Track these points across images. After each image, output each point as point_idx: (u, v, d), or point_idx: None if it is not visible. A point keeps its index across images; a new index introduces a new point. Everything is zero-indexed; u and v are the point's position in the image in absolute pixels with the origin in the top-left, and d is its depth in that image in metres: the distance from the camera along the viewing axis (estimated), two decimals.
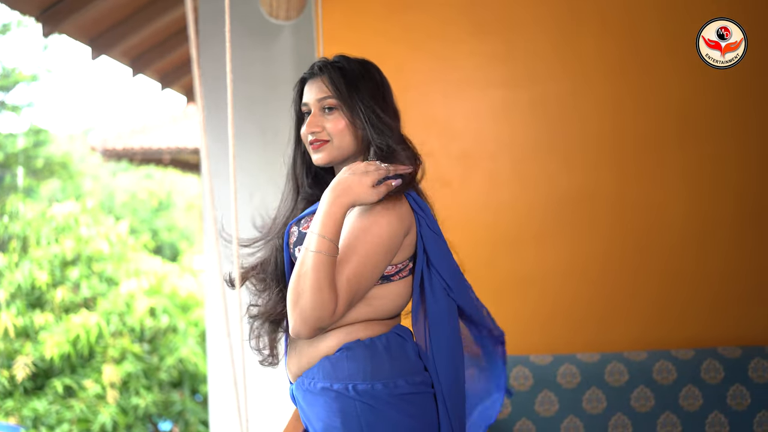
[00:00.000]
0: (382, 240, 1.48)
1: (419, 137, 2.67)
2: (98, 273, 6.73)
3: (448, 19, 2.63)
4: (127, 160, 9.20)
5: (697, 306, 2.57)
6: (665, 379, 2.42)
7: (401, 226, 1.51)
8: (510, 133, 2.62)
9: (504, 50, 2.62)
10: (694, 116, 2.57)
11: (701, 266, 2.58)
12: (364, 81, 1.64)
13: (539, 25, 2.62)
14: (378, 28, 2.63)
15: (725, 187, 2.57)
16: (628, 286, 2.59)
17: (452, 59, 2.64)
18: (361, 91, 1.62)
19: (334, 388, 1.52)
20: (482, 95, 2.64)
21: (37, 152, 11.45)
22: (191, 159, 8.87)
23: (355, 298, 1.46)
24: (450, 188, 2.62)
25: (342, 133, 1.60)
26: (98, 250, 6.75)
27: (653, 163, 2.58)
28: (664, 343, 2.55)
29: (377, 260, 1.48)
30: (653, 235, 2.59)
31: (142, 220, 11.61)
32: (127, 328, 6.39)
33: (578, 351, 2.54)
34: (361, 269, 1.46)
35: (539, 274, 2.60)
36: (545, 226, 2.61)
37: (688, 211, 2.57)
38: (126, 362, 6.15)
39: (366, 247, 1.47)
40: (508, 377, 2.41)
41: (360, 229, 1.48)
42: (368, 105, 1.61)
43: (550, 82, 2.61)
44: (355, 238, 1.47)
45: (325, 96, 1.61)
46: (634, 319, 2.58)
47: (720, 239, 2.57)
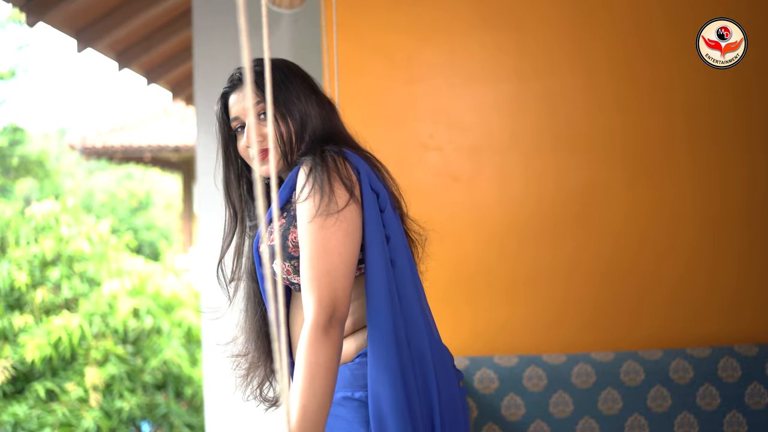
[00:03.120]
0: (344, 256, 1.39)
1: (427, 130, 2.60)
2: (79, 273, 6.58)
3: (457, 10, 2.55)
4: (106, 159, 9.04)
5: (713, 303, 2.51)
6: (682, 378, 2.36)
7: (357, 227, 1.42)
8: (520, 127, 2.55)
9: (514, 42, 2.54)
10: (702, 113, 2.51)
11: (717, 263, 2.52)
12: (290, 77, 1.56)
13: (550, 17, 2.55)
14: (385, 18, 2.54)
15: (734, 183, 2.52)
16: (642, 282, 2.52)
17: (461, 51, 2.56)
18: (290, 88, 1.53)
19: (356, 396, 1.44)
20: (492, 88, 2.56)
21: (12, 151, 11.24)
22: (172, 157, 8.73)
23: (337, 295, 1.36)
24: (460, 183, 2.54)
25: (283, 135, 1.51)
26: (79, 249, 6.59)
27: (665, 160, 2.52)
28: (680, 341, 2.49)
29: (346, 268, 1.39)
30: (668, 231, 2.53)
31: (121, 219, 11.44)
32: (110, 330, 6.25)
33: (592, 350, 2.47)
34: (333, 281, 1.37)
35: (550, 270, 2.53)
36: (557, 221, 2.54)
37: (701, 207, 2.52)
38: (109, 364, 6.01)
39: (330, 267, 1.37)
40: (522, 377, 2.34)
41: (315, 253, 1.38)
42: (303, 99, 1.53)
43: (562, 75, 2.54)
44: (315, 263, 1.37)
45: (257, 101, 1.53)
46: (649, 317, 2.52)
47: (733, 236, 2.52)
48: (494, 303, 2.52)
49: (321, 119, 1.54)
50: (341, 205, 1.40)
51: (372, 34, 2.50)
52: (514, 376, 2.34)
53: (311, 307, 1.34)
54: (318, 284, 1.35)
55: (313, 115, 1.53)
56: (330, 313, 1.34)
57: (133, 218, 11.88)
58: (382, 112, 2.54)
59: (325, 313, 1.33)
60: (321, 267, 1.36)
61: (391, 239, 1.47)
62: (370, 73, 2.53)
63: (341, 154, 1.46)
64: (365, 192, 1.45)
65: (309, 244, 1.38)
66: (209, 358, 3.59)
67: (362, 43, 2.48)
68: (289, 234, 1.47)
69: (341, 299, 1.36)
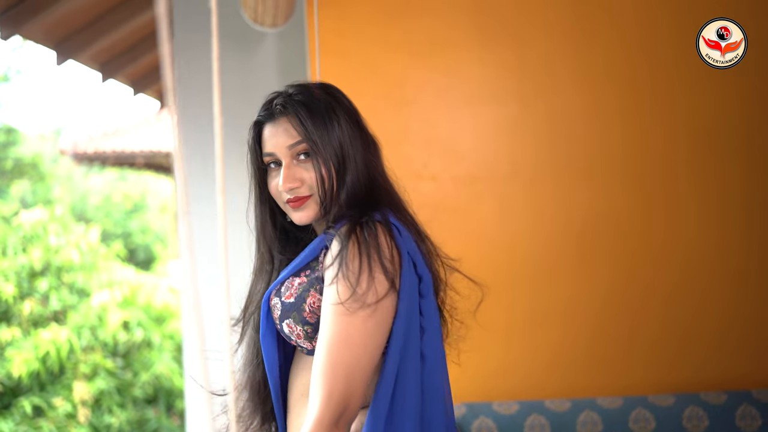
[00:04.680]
0: (369, 348, 1.21)
1: (420, 158, 2.42)
2: (68, 284, 6.43)
3: (453, 26, 2.37)
4: (99, 164, 8.88)
5: (727, 344, 2.34)
6: (696, 427, 2.19)
7: (390, 316, 1.24)
8: (523, 153, 2.37)
9: (516, 60, 2.36)
10: (722, 133, 2.34)
11: (733, 302, 2.35)
12: (336, 111, 1.36)
13: (553, 32, 2.37)
14: (375, 35, 2.36)
15: (757, 219, 2.35)
16: (652, 321, 2.35)
17: (458, 70, 2.37)
18: (335, 125, 1.34)
19: None
20: (491, 110, 2.38)
21: (6, 153, 11.08)
22: (165, 162, 8.58)
23: (351, 391, 1.19)
24: (455, 215, 2.36)
25: (324, 183, 1.32)
26: (68, 259, 6.45)
27: (683, 188, 2.35)
28: (693, 385, 2.31)
29: (368, 362, 1.22)
30: (681, 266, 2.35)
31: (116, 222, 11.28)
32: (100, 343, 6.13)
33: (598, 395, 2.30)
34: (350, 375, 1.19)
35: (554, 310, 2.35)
36: (561, 256, 2.36)
37: (718, 240, 2.35)
38: (98, 379, 5.90)
39: (351, 360, 1.20)
40: (523, 426, 2.16)
41: (337, 341, 1.20)
42: (347, 139, 1.34)
43: (568, 96, 2.36)
44: (335, 352, 1.20)
45: (297, 141, 1.33)
46: (660, 359, 2.34)
47: (751, 274, 2.34)
48: (492, 344, 2.34)
49: (364, 163, 1.35)
50: (380, 294, 1.22)
51: (361, 50, 2.33)
52: (514, 424, 2.17)
53: (318, 400, 1.17)
54: (332, 375, 1.18)
55: (357, 159, 1.34)
56: (339, 412, 1.17)
57: (128, 221, 11.74)
58: None
59: (333, 410, 1.16)
60: (340, 357, 1.19)
61: (426, 332, 1.29)
62: (359, 93, 2.34)
63: (387, 226, 1.28)
64: (407, 278, 1.27)
65: (331, 330, 1.21)
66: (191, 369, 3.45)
67: (350, 60, 2.31)
68: (307, 296, 1.30)
69: (355, 396, 1.19)
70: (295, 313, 1.29)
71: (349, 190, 1.33)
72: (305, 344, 1.31)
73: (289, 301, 1.30)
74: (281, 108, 1.36)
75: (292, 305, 1.30)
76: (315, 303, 1.29)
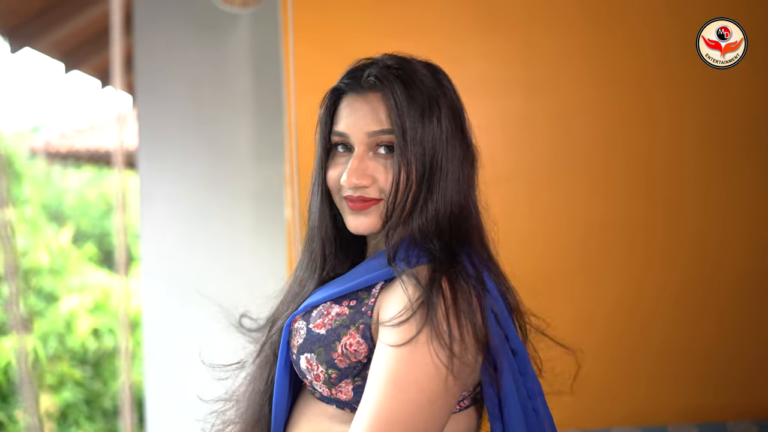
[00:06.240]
0: (428, 395, 0.93)
1: None
2: (36, 288, 6.15)
3: (451, 9, 2.10)
4: (73, 162, 8.56)
5: (759, 368, 2.09)
6: None
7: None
8: (530, 151, 2.11)
9: (523, 49, 2.11)
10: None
11: (759, 320, 2.10)
12: (439, 103, 1.05)
13: (565, 17, 2.12)
14: (360, 19, 2.08)
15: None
16: (674, 341, 2.09)
17: (457, 60, 2.10)
18: (434, 121, 1.03)
19: None
20: (495, 105, 2.12)
21: None
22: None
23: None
24: None
25: (403, 189, 1.02)
26: (36, 262, 6.18)
27: (709, 189, 2.10)
28: (718, 413, 2.06)
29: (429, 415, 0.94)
30: (706, 276, 2.09)
31: (93, 222, 10.99)
32: (67, 351, 5.91)
33: (614, 425, 2.05)
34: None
35: (565, 326, 2.08)
36: (572, 265, 2.11)
37: (748, 244, 2.09)
38: (65, 390, 5.72)
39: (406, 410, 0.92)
40: None
41: (392, 383, 0.93)
42: (442, 143, 1.04)
43: (579, 89, 2.11)
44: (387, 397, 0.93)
45: (383, 129, 1.04)
46: (683, 384, 2.08)
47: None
48: None
49: (456, 179, 1.06)
50: (470, 360, 0.97)
51: (342, 38, 2.05)
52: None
53: None
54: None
55: (450, 171, 1.05)
56: None
57: (105, 221, 11.44)
58: None
59: None
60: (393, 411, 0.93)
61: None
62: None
63: (480, 281, 1.00)
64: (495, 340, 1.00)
65: (387, 372, 0.95)
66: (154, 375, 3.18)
67: (330, 50, 2.02)
68: (344, 335, 1.02)
69: None
70: (322, 349, 1.02)
71: (430, 213, 1.03)
72: (322, 389, 1.03)
73: (318, 332, 1.02)
74: (374, 80, 1.05)
75: (320, 338, 1.02)
76: (351, 345, 1.01)
